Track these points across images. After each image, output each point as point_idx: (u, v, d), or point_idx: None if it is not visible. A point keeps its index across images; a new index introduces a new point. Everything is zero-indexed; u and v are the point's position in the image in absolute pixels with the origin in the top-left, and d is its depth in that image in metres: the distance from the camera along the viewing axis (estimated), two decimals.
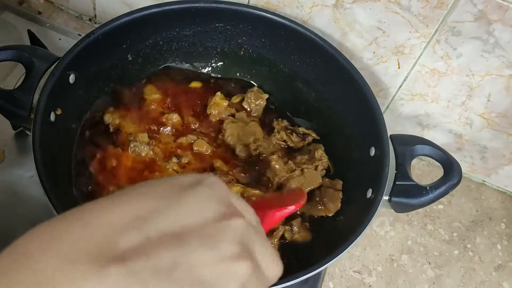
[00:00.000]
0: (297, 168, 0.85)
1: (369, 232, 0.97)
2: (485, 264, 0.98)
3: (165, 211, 0.36)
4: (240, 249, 0.36)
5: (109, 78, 0.90)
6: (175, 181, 0.39)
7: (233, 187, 0.81)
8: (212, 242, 0.35)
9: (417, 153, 0.79)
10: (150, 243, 0.34)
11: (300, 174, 0.84)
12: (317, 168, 0.86)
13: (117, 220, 0.34)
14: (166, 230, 0.34)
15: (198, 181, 0.39)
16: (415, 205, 0.75)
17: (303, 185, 0.83)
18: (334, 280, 0.91)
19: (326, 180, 0.86)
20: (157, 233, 0.34)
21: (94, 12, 1.12)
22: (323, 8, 0.90)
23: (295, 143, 0.91)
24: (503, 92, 0.89)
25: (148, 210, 0.35)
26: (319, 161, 0.87)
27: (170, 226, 0.35)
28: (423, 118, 1.00)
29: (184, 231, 0.35)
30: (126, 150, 0.83)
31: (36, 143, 0.69)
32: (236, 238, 0.37)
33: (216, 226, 0.36)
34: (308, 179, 0.84)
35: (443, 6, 0.81)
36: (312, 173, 0.85)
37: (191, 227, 0.35)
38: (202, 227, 0.36)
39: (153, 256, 0.33)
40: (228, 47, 0.97)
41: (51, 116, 0.75)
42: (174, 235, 0.35)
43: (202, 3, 0.89)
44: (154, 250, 0.33)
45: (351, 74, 0.85)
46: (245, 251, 0.37)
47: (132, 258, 0.33)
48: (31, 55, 0.76)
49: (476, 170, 1.06)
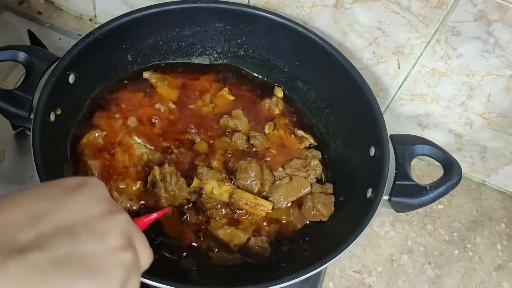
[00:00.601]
0: (286, 175, 0.85)
1: (369, 232, 0.97)
2: (485, 264, 0.97)
3: (56, 209, 0.41)
4: (124, 240, 0.43)
5: (109, 78, 0.90)
6: (63, 183, 0.44)
7: (223, 186, 0.81)
8: (100, 234, 0.41)
9: (417, 153, 0.79)
10: (45, 237, 0.38)
11: (288, 182, 0.85)
12: (308, 177, 0.86)
13: (14, 218, 0.39)
14: (58, 225, 0.39)
15: (83, 183, 0.45)
16: (415, 205, 0.75)
17: (291, 192, 0.83)
18: (334, 280, 0.91)
19: (317, 185, 0.86)
20: (50, 228, 0.39)
21: (94, 12, 1.12)
22: (323, 8, 0.90)
23: (291, 144, 0.91)
24: (503, 92, 0.89)
25: (41, 209, 0.40)
26: (312, 170, 0.87)
27: (62, 222, 0.40)
28: (423, 118, 1.00)
29: (75, 225, 0.40)
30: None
31: (36, 143, 0.69)
32: (120, 231, 0.43)
33: (103, 221, 0.42)
34: (296, 186, 0.84)
35: (443, 6, 0.81)
36: (301, 180, 0.85)
37: (81, 222, 0.41)
38: (90, 222, 0.41)
39: (48, 248, 0.37)
40: (228, 47, 0.97)
41: (51, 116, 0.75)
42: (66, 229, 0.40)
43: (202, 3, 0.89)
44: (49, 243, 0.38)
45: (351, 74, 0.85)
46: (129, 242, 0.43)
47: (30, 250, 0.37)
48: (31, 55, 0.76)
49: (476, 170, 1.06)
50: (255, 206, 0.81)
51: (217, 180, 0.81)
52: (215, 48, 0.97)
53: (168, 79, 0.94)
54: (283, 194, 0.83)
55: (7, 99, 0.73)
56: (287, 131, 0.93)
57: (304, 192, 0.84)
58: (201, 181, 0.81)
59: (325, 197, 0.84)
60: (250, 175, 0.83)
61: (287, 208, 0.84)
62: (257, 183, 0.83)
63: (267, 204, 0.82)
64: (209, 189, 0.81)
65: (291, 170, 0.86)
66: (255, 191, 0.83)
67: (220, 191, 0.81)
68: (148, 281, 0.63)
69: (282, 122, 0.94)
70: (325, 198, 0.84)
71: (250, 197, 0.82)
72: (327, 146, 0.92)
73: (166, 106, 0.90)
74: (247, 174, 0.83)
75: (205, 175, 0.81)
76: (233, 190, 0.81)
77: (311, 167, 0.87)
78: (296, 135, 0.92)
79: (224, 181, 0.82)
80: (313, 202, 0.83)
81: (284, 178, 0.85)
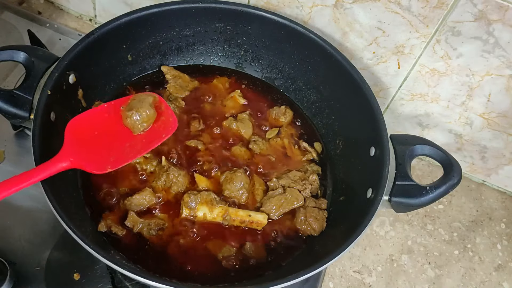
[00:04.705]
0: (280, 186, 0.85)
1: (369, 232, 0.97)
2: (485, 264, 0.98)
3: None
4: None
5: (109, 78, 0.90)
6: None
7: (215, 208, 0.80)
8: None
9: (417, 153, 0.79)
10: None
11: (281, 193, 0.84)
12: (304, 190, 0.85)
13: None
14: None
15: None
16: (415, 205, 0.75)
17: (283, 203, 0.83)
18: (334, 280, 0.91)
19: (311, 199, 0.85)
20: None
21: (94, 12, 1.12)
22: (323, 8, 0.90)
23: (293, 155, 0.91)
24: (503, 92, 0.89)
25: None
26: (309, 184, 0.86)
27: None
28: (423, 118, 1.00)
29: None
30: None
31: (36, 143, 0.69)
32: None
33: None
34: (289, 198, 0.83)
35: (443, 6, 0.81)
36: (295, 193, 0.84)
37: None
38: None
39: None
40: (228, 47, 0.97)
41: (51, 115, 0.75)
42: None
43: (202, 3, 0.89)
44: None
45: (351, 74, 0.85)
46: None
47: None
48: (31, 55, 0.76)
49: (476, 170, 1.06)
50: (250, 223, 0.81)
51: (207, 203, 0.80)
52: (215, 48, 0.97)
53: (183, 78, 0.94)
54: (275, 205, 0.82)
55: (7, 99, 0.73)
56: (292, 141, 0.92)
57: (297, 205, 0.84)
58: (191, 209, 0.79)
59: (318, 212, 0.83)
60: (236, 185, 0.82)
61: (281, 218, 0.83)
62: (245, 192, 0.83)
63: (262, 219, 0.81)
64: (201, 215, 0.80)
65: (288, 182, 0.85)
66: (243, 201, 0.82)
67: (213, 214, 0.80)
68: (148, 281, 0.63)
69: (289, 132, 0.93)
70: (317, 213, 0.83)
71: (243, 215, 0.81)
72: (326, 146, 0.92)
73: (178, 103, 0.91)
74: (233, 184, 0.82)
75: (194, 202, 0.79)
76: (225, 211, 0.80)
77: (308, 181, 0.86)
78: (300, 147, 0.92)
79: (213, 202, 0.80)
80: (305, 216, 0.82)
81: (277, 189, 0.84)
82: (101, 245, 0.73)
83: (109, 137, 0.77)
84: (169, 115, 0.80)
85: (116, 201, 0.79)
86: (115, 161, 0.74)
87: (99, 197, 0.80)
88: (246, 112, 0.93)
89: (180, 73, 0.95)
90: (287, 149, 0.91)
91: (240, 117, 0.92)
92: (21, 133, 0.92)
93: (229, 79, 0.98)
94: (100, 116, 0.78)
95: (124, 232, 0.77)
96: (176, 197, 0.81)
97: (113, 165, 0.74)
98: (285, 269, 0.78)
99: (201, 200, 0.80)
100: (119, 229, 0.76)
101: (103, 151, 0.75)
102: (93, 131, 0.76)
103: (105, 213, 0.78)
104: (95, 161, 0.73)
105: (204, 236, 0.79)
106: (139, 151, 0.77)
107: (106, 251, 0.66)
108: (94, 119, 0.78)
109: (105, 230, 0.76)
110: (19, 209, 0.84)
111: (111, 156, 0.75)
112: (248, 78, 0.99)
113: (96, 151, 0.74)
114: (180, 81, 0.93)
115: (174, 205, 0.81)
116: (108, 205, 0.79)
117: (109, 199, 0.80)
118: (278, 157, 0.90)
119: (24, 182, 0.65)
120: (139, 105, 0.77)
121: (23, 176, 0.65)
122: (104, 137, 0.76)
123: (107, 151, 0.75)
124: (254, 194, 0.84)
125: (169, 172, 0.81)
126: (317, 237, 0.82)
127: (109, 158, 0.74)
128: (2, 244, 0.81)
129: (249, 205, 0.83)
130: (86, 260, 0.81)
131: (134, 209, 0.78)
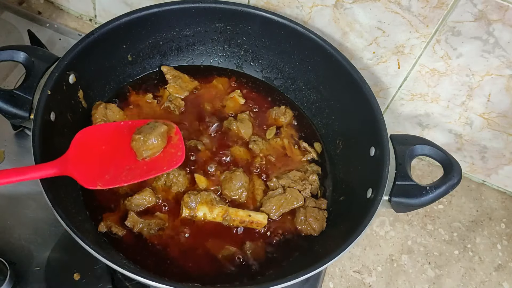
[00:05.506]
0: (280, 186, 0.85)
1: (369, 232, 0.97)
2: (485, 264, 0.98)
3: None
4: None
5: (109, 78, 0.90)
6: None
7: (215, 208, 0.80)
8: None
9: (417, 153, 0.79)
10: None
11: (281, 193, 0.84)
12: (304, 190, 0.85)
13: None
14: None
15: None
16: (415, 205, 0.75)
17: (283, 203, 0.83)
18: (334, 280, 0.91)
19: (311, 199, 0.85)
20: None
21: (94, 12, 1.12)
22: (323, 8, 0.90)
23: (293, 155, 0.91)
24: (503, 92, 0.89)
25: None
26: (309, 184, 0.86)
27: None
28: (423, 118, 1.00)
29: None
30: None
31: (36, 143, 0.69)
32: None
33: None
34: (289, 198, 0.83)
35: (443, 6, 0.81)
36: (294, 193, 0.84)
37: None
38: None
39: None
40: (228, 47, 0.97)
41: (51, 115, 0.75)
42: None
43: (202, 3, 0.89)
44: None
45: (351, 74, 0.85)
46: None
47: None
48: (31, 55, 0.76)
49: (476, 170, 1.06)
50: (250, 223, 0.81)
51: (207, 203, 0.80)
52: (215, 48, 0.97)
53: (183, 78, 0.94)
54: (275, 205, 0.82)
55: (7, 99, 0.73)
56: (292, 141, 0.92)
57: (297, 205, 0.84)
58: (191, 209, 0.80)
59: (318, 212, 0.83)
60: (235, 184, 0.82)
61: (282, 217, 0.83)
62: (244, 191, 0.83)
63: (262, 219, 0.81)
64: (201, 215, 0.80)
65: (288, 182, 0.85)
66: (243, 200, 0.83)
67: (213, 214, 0.80)
68: (148, 281, 0.63)
69: (289, 132, 0.93)
70: (317, 213, 0.83)
71: (243, 215, 0.81)
72: (327, 146, 0.92)
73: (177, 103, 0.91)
74: (232, 183, 0.82)
75: (194, 202, 0.79)
76: (225, 211, 0.80)
77: (308, 181, 0.86)
78: (300, 147, 0.92)
79: (213, 202, 0.80)
80: (305, 216, 0.82)
81: (277, 189, 0.84)
82: (101, 245, 0.73)
83: (113, 155, 0.76)
84: (179, 148, 0.79)
85: (116, 201, 0.80)
86: (109, 180, 0.73)
87: (99, 197, 0.80)
88: (246, 112, 0.93)
89: (180, 73, 0.95)
90: (287, 149, 0.91)
91: (240, 117, 0.92)
92: (21, 133, 0.92)
93: (229, 79, 0.98)
94: (113, 132, 0.78)
95: (124, 232, 0.77)
96: (176, 197, 0.81)
97: (106, 183, 0.73)
98: (285, 269, 0.78)
99: (201, 200, 0.80)
100: (119, 229, 0.77)
101: (101, 167, 0.74)
102: (101, 145, 0.76)
103: (105, 213, 0.78)
104: (89, 174, 0.72)
105: (204, 236, 0.79)
106: (135, 177, 0.75)
107: (106, 251, 0.66)
108: (106, 133, 0.78)
109: (105, 230, 0.76)
110: (19, 209, 0.84)
111: (107, 174, 0.74)
112: (248, 78, 0.99)
113: (95, 165, 0.74)
114: (180, 81, 0.94)
115: (174, 205, 0.81)
116: (108, 205, 0.79)
117: (109, 199, 0.80)
118: (278, 157, 0.90)
119: (10, 178, 0.65)
120: (149, 131, 0.76)
121: (11, 172, 0.65)
122: (109, 154, 0.76)
123: (105, 168, 0.74)
124: (254, 194, 0.84)
125: (169, 172, 0.81)
126: (317, 237, 0.82)
127: (104, 176, 0.73)
128: (2, 244, 0.81)
129: (249, 205, 0.83)
130: (86, 260, 0.81)
131: (134, 209, 0.78)
